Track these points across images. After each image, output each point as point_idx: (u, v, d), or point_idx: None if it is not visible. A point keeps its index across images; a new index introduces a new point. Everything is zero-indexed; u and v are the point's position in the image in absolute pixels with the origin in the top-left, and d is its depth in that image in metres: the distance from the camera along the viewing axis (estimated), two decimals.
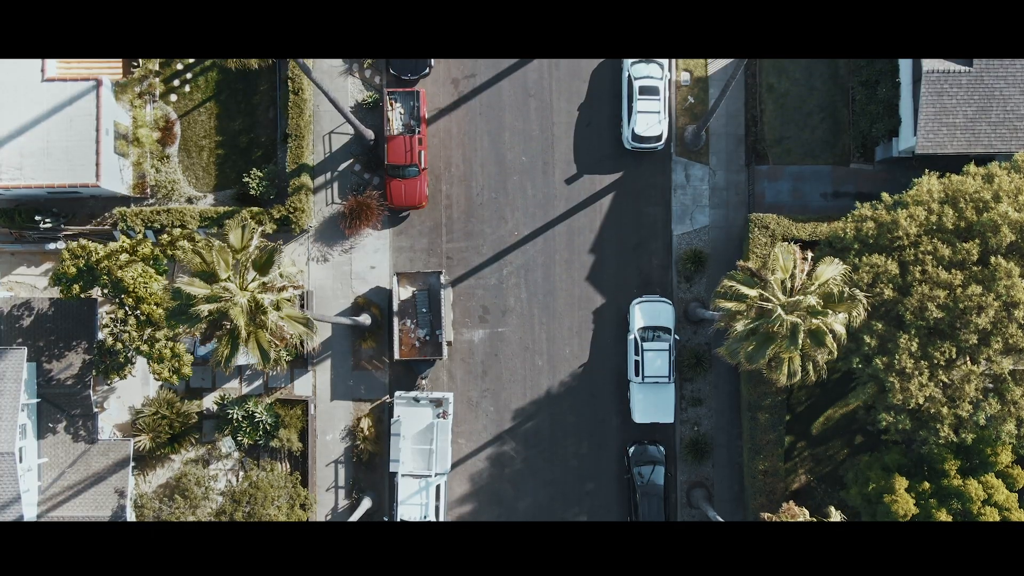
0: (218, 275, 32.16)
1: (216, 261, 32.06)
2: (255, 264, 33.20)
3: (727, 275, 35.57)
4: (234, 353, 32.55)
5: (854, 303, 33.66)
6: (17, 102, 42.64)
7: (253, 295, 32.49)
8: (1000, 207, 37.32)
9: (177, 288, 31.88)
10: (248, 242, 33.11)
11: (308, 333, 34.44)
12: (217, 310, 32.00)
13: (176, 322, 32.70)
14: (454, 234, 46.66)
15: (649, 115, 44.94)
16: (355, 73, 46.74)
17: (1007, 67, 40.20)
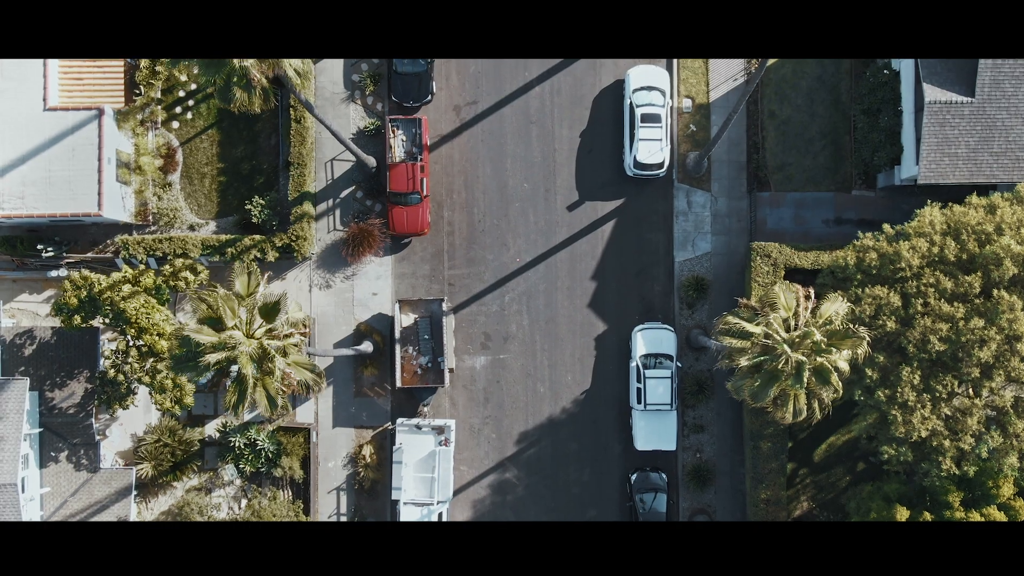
0: (225, 323, 32.14)
1: (223, 309, 32.05)
2: (262, 311, 33.20)
3: (730, 311, 35.58)
4: (242, 400, 32.56)
5: (859, 340, 33.64)
6: (19, 131, 42.65)
7: (260, 343, 32.47)
8: (1003, 240, 37.32)
9: (185, 336, 31.86)
10: (255, 288, 33.11)
11: (316, 380, 34.43)
12: (225, 359, 31.98)
13: (183, 370, 32.70)
14: (456, 261, 46.66)
15: (651, 143, 44.94)
16: (357, 100, 46.76)
17: (1009, 98, 40.22)
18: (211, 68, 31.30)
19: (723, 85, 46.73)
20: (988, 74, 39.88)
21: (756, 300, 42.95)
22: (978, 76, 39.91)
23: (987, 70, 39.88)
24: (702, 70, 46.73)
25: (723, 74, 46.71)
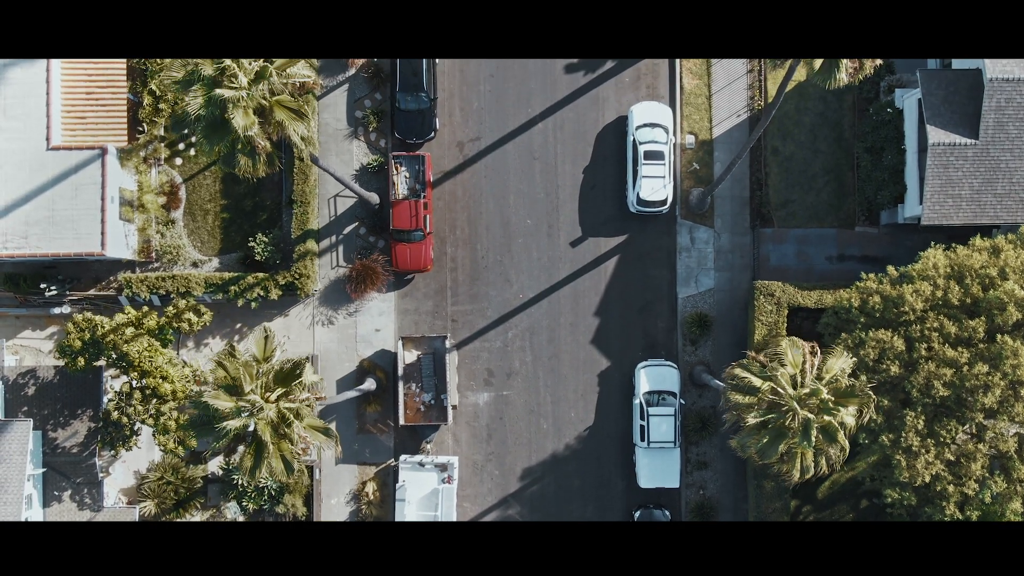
0: (243, 388, 32.10)
1: (241, 375, 32.01)
2: (278, 376, 33.14)
3: (737, 363, 35.58)
4: (259, 464, 32.51)
5: (866, 399, 33.66)
6: (22, 171, 42.65)
7: (278, 407, 32.43)
8: (1007, 285, 37.34)
9: (203, 402, 31.85)
10: (271, 352, 33.09)
11: (330, 442, 34.42)
12: (243, 426, 31.96)
13: (200, 435, 32.74)
14: (459, 297, 46.66)
15: (654, 180, 44.95)
16: (360, 136, 46.76)
17: (1013, 140, 40.23)
18: (215, 136, 31.32)
19: (726, 121, 46.73)
20: (992, 116, 39.89)
21: (760, 337, 43.20)
22: (982, 119, 39.92)
23: (991, 112, 39.88)
24: (705, 106, 46.74)
25: (726, 110, 46.72)
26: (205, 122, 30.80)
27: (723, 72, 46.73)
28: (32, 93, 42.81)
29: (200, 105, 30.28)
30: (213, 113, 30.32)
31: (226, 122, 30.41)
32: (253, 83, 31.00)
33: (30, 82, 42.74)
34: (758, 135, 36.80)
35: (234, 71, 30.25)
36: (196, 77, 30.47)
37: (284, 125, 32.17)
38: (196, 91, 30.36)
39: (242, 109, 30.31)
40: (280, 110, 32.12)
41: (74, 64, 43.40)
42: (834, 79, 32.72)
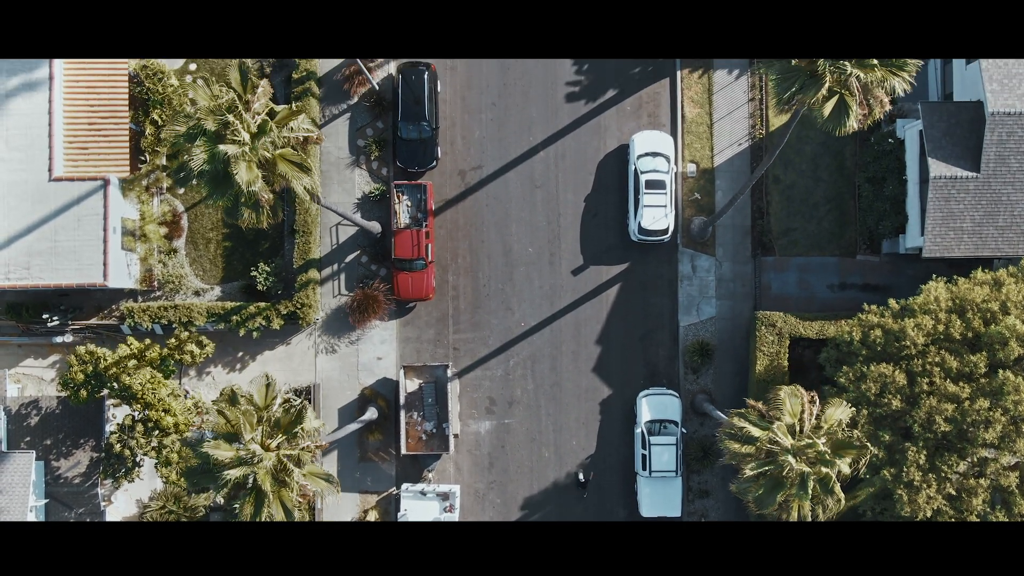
0: (243, 436, 32.12)
1: (242, 423, 32.03)
2: (279, 423, 33.16)
3: (735, 412, 35.62)
4: (258, 512, 32.51)
5: (863, 450, 33.69)
6: (25, 201, 42.71)
7: (278, 455, 32.45)
8: (1008, 320, 37.37)
9: (203, 451, 31.86)
10: (272, 400, 33.13)
11: (331, 488, 34.44)
12: (243, 475, 31.98)
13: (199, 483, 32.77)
14: (461, 325, 46.71)
15: (655, 209, 45.00)
16: (362, 165, 46.82)
17: (1014, 173, 40.29)
18: (218, 189, 31.38)
19: (728, 150, 46.80)
20: (993, 150, 39.94)
21: (762, 367, 43.25)
22: (983, 152, 39.98)
23: (992, 146, 39.94)
24: (706, 135, 46.80)
25: (728, 139, 46.78)
26: (209, 176, 30.87)
27: (724, 101, 46.80)
28: (34, 124, 42.88)
29: (203, 161, 30.35)
30: (216, 168, 30.39)
31: (229, 176, 30.49)
32: (256, 138, 31.06)
33: (32, 112, 42.81)
34: (760, 173, 36.88)
35: (236, 127, 30.32)
36: (198, 131, 30.53)
37: (287, 178, 32.20)
38: (199, 146, 30.43)
39: (245, 164, 30.37)
40: (283, 163, 32.18)
41: (76, 94, 43.43)
42: (843, 126, 32.80)
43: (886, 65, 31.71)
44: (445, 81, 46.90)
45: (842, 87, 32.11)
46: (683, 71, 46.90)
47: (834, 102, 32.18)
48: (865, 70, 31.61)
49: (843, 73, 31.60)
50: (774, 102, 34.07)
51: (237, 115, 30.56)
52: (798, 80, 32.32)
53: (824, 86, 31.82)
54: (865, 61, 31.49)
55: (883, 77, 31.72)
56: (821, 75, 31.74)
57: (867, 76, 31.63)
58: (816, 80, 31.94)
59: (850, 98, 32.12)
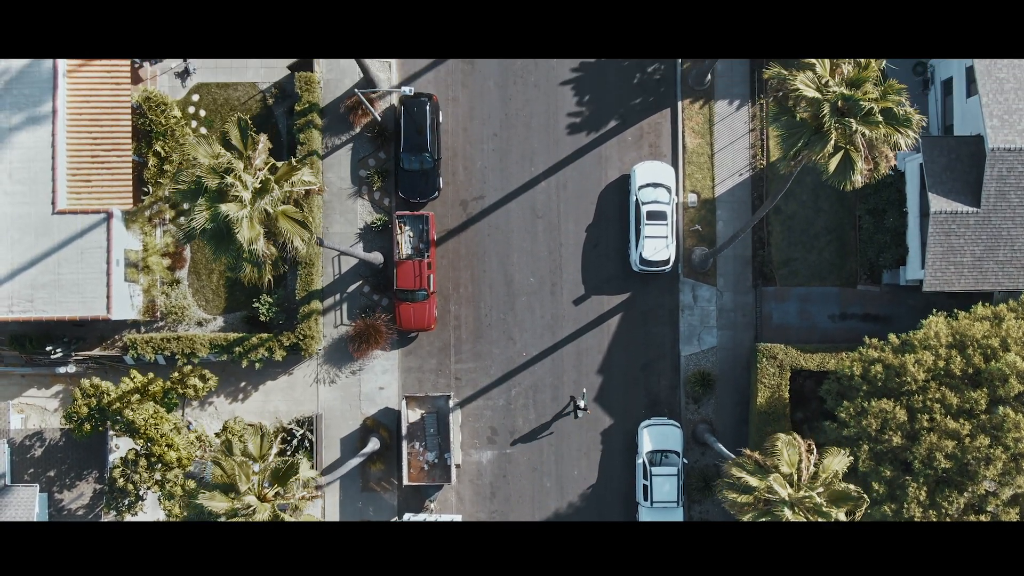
0: (238, 487, 32.25)
1: (237, 474, 32.15)
2: (275, 474, 33.29)
3: (733, 462, 35.73)
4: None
5: (860, 502, 33.81)
6: (28, 235, 42.84)
7: (273, 507, 32.59)
8: (1008, 357, 37.50)
9: (198, 504, 31.98)
10: (267, 451, 33.26)
11: None
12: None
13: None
14: (463, 355, 46.84)
15: (657, 240, 45.14)
16: (364, 195, 46.96)
17: (1015, 208, 40.40)
18: (220, 246, 31.55)
19: (728, 180, 46.93)
20: (994, 185, 40.07)
21: (763, 399, 43.37)
22: (983, 187, 40.11)
23: (992, 181, 40.07)
24: (707, 165, 46.94)
25: (728, 169, 46.91)
26: (211, 234, 31.04)
27: (725, 131, 46.93)
28: (37, 157, 43.03)
29: (205, 219, 30.55)
30: (219, 226, 30.57)
31: (231, 233, 30.66)
32: (257, 196, 31.22)
33: (36, 146, 42.97)
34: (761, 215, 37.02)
35: (237, 189, 30.49)
36: (200, 190, 30.71)
37: (288, 235, 32.38)
38: (201, 206, 30.62)
39: (247, 222, 30.56)
40: (285, 220, 32.34)
41: (79, 127, 43.56)
42: (849, 180, 33.04)
43: (891, 122, 31.89)
44: (447, 112, 47.05)
45: (847, 142, 32.28)
46: (684, 101, 47.04)
47: (839, 157, 32.36)
48: (870, 127, 31.78)
49: (848, 129, 31.77)
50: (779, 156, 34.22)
51: (237, 176, 30.71)
52: (803, 136, 32.49)
53: (830, 142, 32.00)
54: (870, 117, 31.67)
55: (888, 133, 31.90)
56: (827, 131, 31.91)
57: (872, 133, 31.80)
58: (822, 136, 32.12)
59: (855, 153, 32.30)
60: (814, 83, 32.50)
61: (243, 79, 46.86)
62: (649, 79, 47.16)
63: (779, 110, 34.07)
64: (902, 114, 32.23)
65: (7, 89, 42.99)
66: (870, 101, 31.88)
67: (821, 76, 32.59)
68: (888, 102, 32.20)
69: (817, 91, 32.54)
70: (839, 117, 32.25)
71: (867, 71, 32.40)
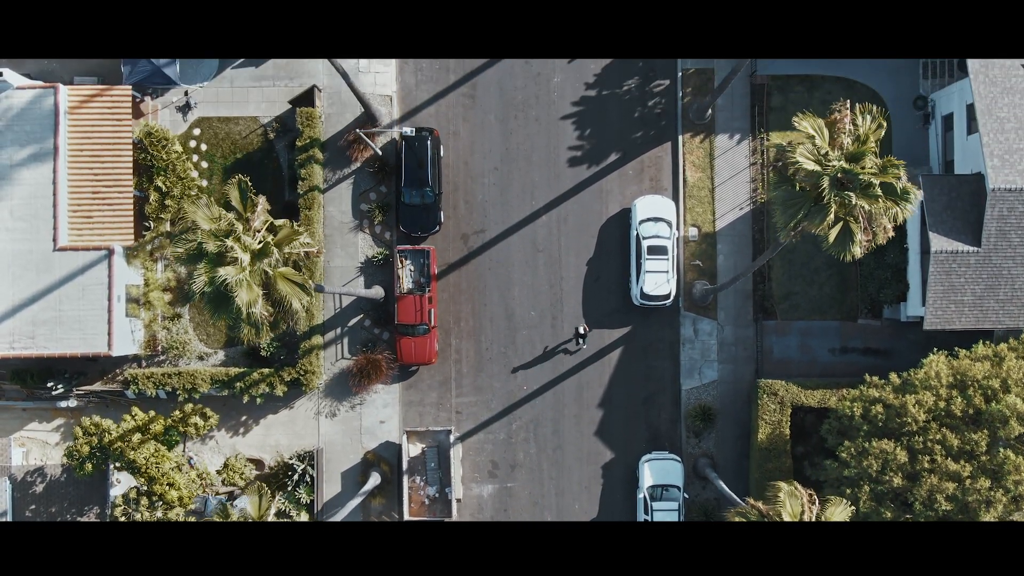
0: None
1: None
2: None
3: (736, 511, 35.75)
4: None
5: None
6: (29, 271, 42.94)
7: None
8: (1008, 398, 37.51)
9: None
10: (266, 512, 33.30)
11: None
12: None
13: None
14: (463, 388, 46.88)
15: (658, 274, 45.17)
16: (365, 229, 47.00)
17: (1015, 248, 40.42)
18: (220, 308, 31.65)
19: (729, 214, 46.97)
20: (994, 225, 40.10)
21: (764, 436, 43.38)
22: (984, 227, 40.13)
23: (993, 221, 40.10)
24: (708, 199, 46.98)
25: (729, 203, 46.96)
26: (210, 296, 31.13)
27: (726, 165, 46.97)
28: (39, 194, 43.13)
29: (204, 283, 30.67)
30: (217, 288, 30.68)
31: (230, 296, 30.77)
32: (255, 258, 31.28)
33: (37, 182, 43.06)
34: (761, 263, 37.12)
35: (236, 252, 30.59)
36: (200, 254, 30.81)
37: (287, 297, 32.47)
38: (200, 269, 30.73)
39: (245, 285, 30.67)
40: (283, 282, 32.42)
41: (81, 163, 43.64)
42: (848, 252, 33.21)
43: (891, 196, 32.02)
44: (448, 145, 47.11)
45: (847, 214, 32.39)
46: (685, 135, 47.10)
47: (839, 229, 32.49)
48: (870, 200, 31.89)
49: (848, 202, 31.89)
50: (779, 226, 34.33)
51: (236, 239, 30.80)
52: (803, 206, 32.60)
53: (830, 214, 32.11)
54: (870, 191, 31.78)
55: (887, 207, 32.05)
56: (826, 203, 32.01)
57: (871, 206, 31.91)
58: (821, 208, 32.22)
59: (855, 225, 32.39)
60: (814, 155, 32.63)
61: (244, 113, 46.92)
62: (650, 113, 47.23)
63: (779, 179, 34.25)
64: (901, 188, 32.44)
65: (9, 126, 43.08)
66: (870, 175, 32.08)
67: (820, 148, 32.68)
68: (888, 176, 32.40)
69: (817, 164, 32.71)
70: (839, 190, 32.48)
71: (866, 145, 32.50)
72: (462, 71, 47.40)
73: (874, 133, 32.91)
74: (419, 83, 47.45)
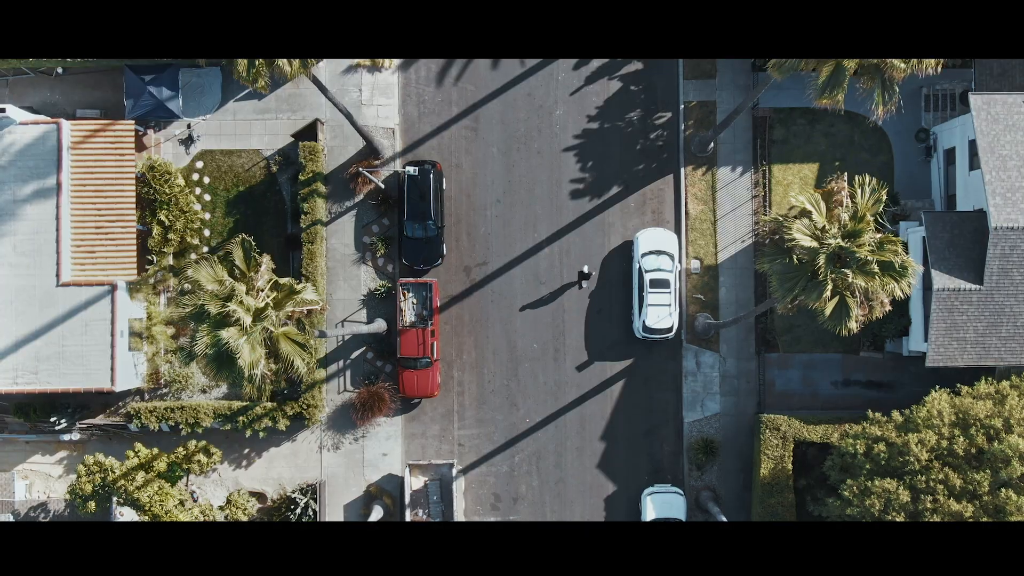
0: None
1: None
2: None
3: None
4: None
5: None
6: (32, 306, 43.00)
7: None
8: (1011, 439, 37.52)
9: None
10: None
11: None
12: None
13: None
14: (466, 421, 46.92)
15: (660, 308, 45.21)
16: (368, 262, 47.04)
17: (1017, 285, 40.44)
18: (223, 368, 31.73)
19: (731, 246, 47.00)
20: (997, 263, 40.12)
21: (766, 471, 43.41)
22: (987, 265, 40.15)
23: (995, 259, 40.11)
24: (710, 231, 47.02)
25: (731, 235, 46.98)
26: (213, 357, 31.21)
27: (728, 198, 47.02)
28: (42, 229, 43.18)
29: (207, 344, 30.73)
30: (220, 349, 30.75)
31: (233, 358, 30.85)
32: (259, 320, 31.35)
33: (40, 218, 43.12)
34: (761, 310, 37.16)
35: (239, 314, 30.64)
36: (202, 316, 30.88)
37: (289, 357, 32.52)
38: (203, 331, 30.80)
39: (248, 347, 30.73)
40: (286, 342, 32.47)
41: (84, 198, 43.72)
42: (844, 326, 33.39)
43: (888, 272, 32.12)
44: (451, 178, 47.16)
45: (844, 289, 32.49)
46: (687, 168, 47.13)
47: (835, 303, 32.58)
48: (867, 277, 32.01)
49: (845, 279, 32.03)
50: (777, 298, 34.38)
51: (239, 301, 30.86)
52: (800, 281, 32.70)
53: (827, 290, 32.20)
54: (867, 268, 31.91)
55: (885, 283, 32.18)
56: (823, 280, 32.14)
57: (868, 284, 32.07)
58: (817, 284, 32.36)
59: (851, 300, 32.49)
60: (811, 230, 32.71)
61: (247, 146, 46.97)
62: (652, 145, 47.27)
63: (776, 252, 34.32)
64: (900, 264, 32.47)
65: (12, 162, 43.14)
66: (867, 253, 32.16)
67: (817, 223, 32.77)
68: (885, 254, 32.47)
69: (814, 239, 32.78)
70: (836, 267, 32.59)
71: (863, 223, 32.58)
72: (464, 103, 47.46)
73: (871, 208, 33.04)
74: (421, 115, 47.50)
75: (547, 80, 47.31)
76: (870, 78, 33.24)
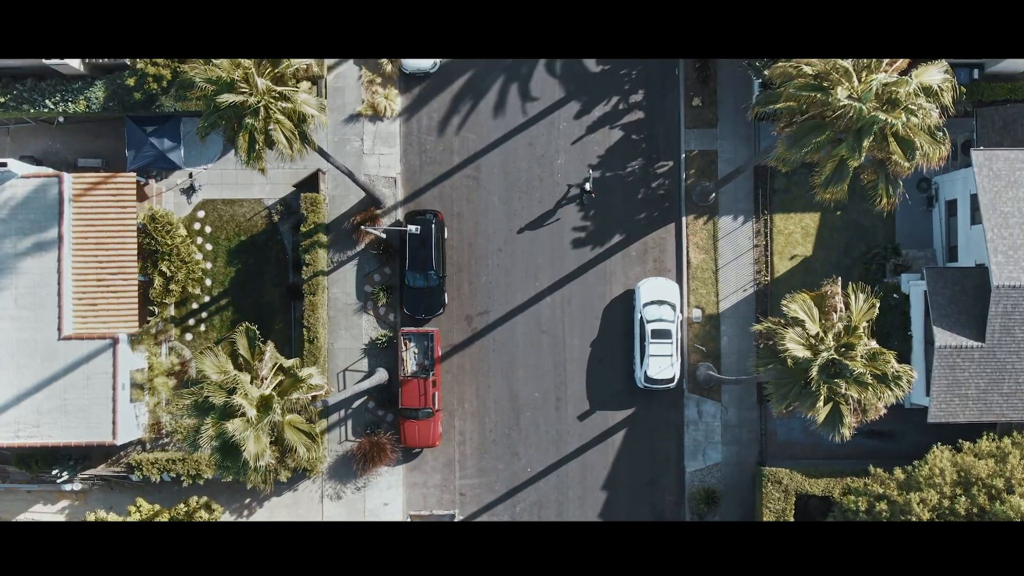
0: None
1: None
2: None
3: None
4: None
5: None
6: (34, 360, 42.97)
7: None
8: (1012, 500, 37.55)
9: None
10: None
11: None
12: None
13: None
14: (467, 471, 46.90)
15: (661, 358, 45.22)
16: (369, 311, 47.03)
17: (1019, 343, 40.42)
18: (228, 458, 31.82)
19: (733, 295, 47.01)
20: (999, 321, 40.10)
21: None
22: (988, 323, 40.13)
23: (997, 317, 40.10)
24: (711, 280, 47.02)
25: (733, 284, 46.99)
26: (218, 447, 31.24)
27: (729, 247, 47.02)
28: (43, 282, 43.15)
29: (212, 437, 30.75)
30: (225, 440, 30.78)
31: (238, 448, 30.87)
32: (263, 411, 31.37)
33: (41, 271, 43.09)
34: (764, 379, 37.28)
35: (243, 407, 30.67)
36: (207, 406, 30.90)
37: (294, 446, 32.53)
38: (208, 423, 30.83)
39: (253, 437, 30.74)
40: (291, 430, 32.48)
41: (85, 251, 43.69)
42: (837, 433, 33.62)
43: (882, 382, 32.30)
44: (452, 227, 47.15)
45: (838, 396, 32.66)
46: (688, 217, 47.13)
47: (829, 409, 32.76)
48: (860, 388, 32.20)
49: (839, 389, 32.25)
50: (772, 403, 34.54)
51: (243, 394, 30.88)
52: (794, 387, 32.86)
53: (820, 398, 32.36)
54: (861, 379, 32.13)
55: (879, 392, 32.40)
56: (816, 390, 32.34)
57: (861, 394, 32.30)
58: (811, 394, 32.54)
59: (845, 407, 32.65)
60: (804, 339, 32.83)
61: (249, 195, 46.98)
62: (653, 194, 47.27)
63: (769, 357, 34.43)
64: (893, 374, 32.62)
65: (13, 215, 43.14)
66: (860, 365, 32.33)
67: (811, 330, 32.87)
68: (878, 365, 32.62)
69: (807, 349, 32.92)
70: (829, 378, 32.79)
71: (856, 334, 32.72)
72: (466, 152, 47.47)
73: (865, 315, 33.15)
74: (423, 164, 47.51)
75: (548, 129, 47.33)
76: (873, 171, 33.36)
